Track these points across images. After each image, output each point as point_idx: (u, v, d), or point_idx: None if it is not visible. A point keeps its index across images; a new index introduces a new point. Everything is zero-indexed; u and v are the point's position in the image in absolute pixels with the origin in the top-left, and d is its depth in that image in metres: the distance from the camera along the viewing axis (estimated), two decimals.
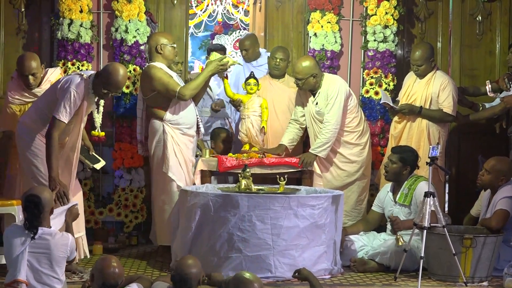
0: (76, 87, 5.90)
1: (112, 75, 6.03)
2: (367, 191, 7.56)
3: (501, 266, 6.22)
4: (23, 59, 6.51)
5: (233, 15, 13.53)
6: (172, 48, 6.92)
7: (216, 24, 14.30)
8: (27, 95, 6.53)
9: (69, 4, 7.61)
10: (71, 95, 5.88)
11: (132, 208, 7.79)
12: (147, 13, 7.83)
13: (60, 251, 4.91)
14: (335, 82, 7.31)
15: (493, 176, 6.58)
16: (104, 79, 6.04)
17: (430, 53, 7.37)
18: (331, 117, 7.16)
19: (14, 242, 4.84)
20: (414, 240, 6.32)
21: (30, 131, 6.09)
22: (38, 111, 6.11)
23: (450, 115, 7.28)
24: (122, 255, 7.15)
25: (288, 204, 6.06)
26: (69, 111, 5.90)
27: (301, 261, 6.04)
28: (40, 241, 4.87)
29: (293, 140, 7.46)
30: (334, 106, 7.17)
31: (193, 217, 6.17)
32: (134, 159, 7.78)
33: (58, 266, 4.90)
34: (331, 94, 7.20)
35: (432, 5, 8.32)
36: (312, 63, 7.25)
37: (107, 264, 4.48)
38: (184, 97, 6.72)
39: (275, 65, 7.61)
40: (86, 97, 6.05)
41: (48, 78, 6.63)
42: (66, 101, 5.88)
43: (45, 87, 6.54)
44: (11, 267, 4.85)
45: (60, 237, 4.97)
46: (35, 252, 4.85)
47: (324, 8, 8.01)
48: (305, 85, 7.22)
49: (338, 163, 7.38)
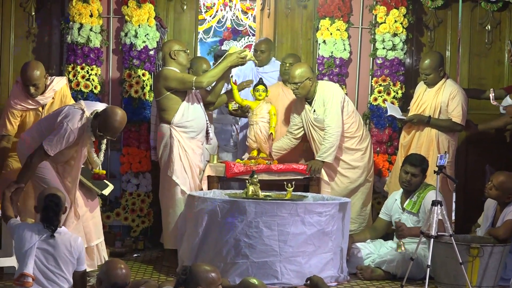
0: (73, 126, 5.80)
1: (109, 119, 5.87)
2: (370, 196, 7.55)
3: (508, 275, 6.22)
4: (26, 68, 6.41)
5: (242, 21, 13.54)
6: (186, 54, 6.94)
7: (225, 30, 14.32)
8: (30, 102, 6.46)
9: (79, 8, 7.64)
10: (66, 133, 5.78)
11: (139, 213, 7.81)
12: (156, 18, 7.86)
13: (66, 249, 4.93)
14: (329, 87, 7.36)
15: (500, 192, 6.57)
16: (101, 121, 5.89)
17: (439, 62, 7.37)
18: (331, 120, 7.17)
19: (24, 238, 4.88)
20: (421, 249, 6.32)
21: (30, 148, 6.00)
22: (39, 132, 5.97)
23: (459, 124, 7.28)
24: (128, 259, 7.17)
25: (295, 211, 6.06)
26: (59, 147, 5.80)
27: (308, 268, 6.05)
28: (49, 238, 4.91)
29: (280, 148, 7.47)
30: (331, 110, 7.19)
31: (200, 222, 6.18)
32: (142, 164, 7.81)
33: (65, 265, 4.92)
34: (327, 99, 7.23)
35: (441, 13, 8.33)
36: (306, 68, 7.31)
37: (113, 266, 4.48)
38: (202, 85, 6.73)
39: (285, 69, 7.65)
40: (83, 135, 5.94)
41: (53, 87, 6.54)
42: (59, 137, 5.79)
43: (49, 95, 6.50)
44: (20, 261, 4.89)
45: (68, 236, 4.99)
46: (42, 249, 4.88)
47: (334, 16, 8.03)
48: (301, 89, 7.22)
49: (341, 170, 7.38)
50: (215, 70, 6.87)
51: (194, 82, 6.69)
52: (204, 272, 4.24)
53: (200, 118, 6.89)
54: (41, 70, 6.43)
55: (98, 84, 7.73)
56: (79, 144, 6.01)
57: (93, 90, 7.69)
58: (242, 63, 6.97)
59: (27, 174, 5.83)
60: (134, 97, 7.79)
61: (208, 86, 6.92)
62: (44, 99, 6.50)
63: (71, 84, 7.60)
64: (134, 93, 7.78)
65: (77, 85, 7.64)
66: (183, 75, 6.78)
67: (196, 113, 6.86)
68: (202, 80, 6.73)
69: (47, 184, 5.87)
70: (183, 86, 6.75)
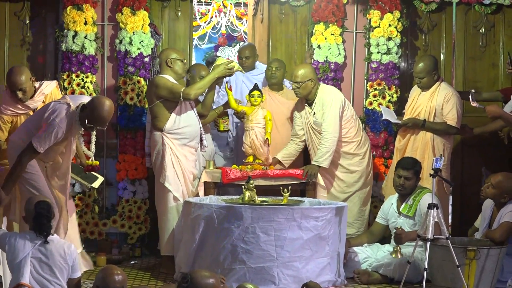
0: (60, 121, 5.77)
1: (97, 109, 5.86)
2: (369, 200, 7.55)
3: (505, 278, 6.22)
4: (10, 74, 6.36)
5: (237, 27, 13.55)
6: (182, 63, 6.96)
7: (220, 36, 14.34)
8: (19, 107, 6.40)
9: (74, 16, 7.65)
10: (54, 129, 5.76)
11: (136, 220, 7.80)
12: (151, 25, 7.87)
13: (60, 257, 4.92)
14: (329, 91, 7.38)
15: (497, 191, 6.58)
16: (89, 113, 5.88)
17: (433, 66, 7.38)
18: (328, 125, 7.19)
19: (18, 248, 4.87)
20: (417, 252, 6.31)
21: (20, 149, 5.99)
22: (27, 131, 5.95)
23: (454, 127, 7.29)
24: (126, 266, 7.16)
25: (292, 215, 6.06)
26: (48, 143, 5.78)
27: (305, 273, 6.04)
28: (41, 246, 4.90)
29: (289, 155, 7.49)
30: (329, 115, 7.21)
31: (197, 228, 6.17)
32: (138, 171, 7.81)
33: (60, 273, 4.92)
34: (326, 103, 7.25)
35: (435, 17, 8.35)
36: (310, 69, 7.37)
37: (109, 272, 4.46)
38: (189, 96, 6.72)
39: (271, 74, 7.69)
40: (72, 128, 5.93)
41: (42, 90, 6.49)
42: (47, 133, 5.76)
43: (39, 99, 6.46)
44: (14, 272, 4.87)
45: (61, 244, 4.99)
46: (37, 257, 4.88)
47: (328, 20, 8.04)
48: (302, 89, 7.25)
49: (338, 173, 7.39)
50: (202, 82, 6.87)
51: (182, 94, 6.70)
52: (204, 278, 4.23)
53: (193, 125, 6.89)
54: (26, 74, 6.35)
55: (93, 92, 7.73)
56: (68, 138, 6.00)
57: None
58: (230, 74, 6.97)
59: (17, 172, 5.81)
60: (129, 104, 7.79)
61: (195, 98, 6.89)
62: (33, 103, 6.44)
63: (66, 92, 7.60)
64: (129, 100, 7.78)
65: (72, 92, 7.63)
66: (172, 85, 6.78)
67: (189, 120, 6.86)
68: (189, 92, 6.72)
69: (38, 191, 5.84)
70: (171, 96, 6.76)
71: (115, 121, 7.82)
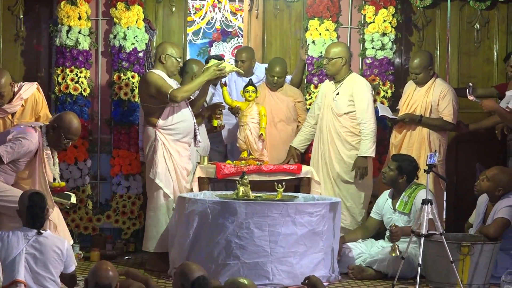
0: (30, 138, 5.77)
1: (72, 124, 5.93)
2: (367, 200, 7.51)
3: (499, 273, 6.22)
4: None
5: (232, 22, 13.52)
6: (176, 61, 6.90)
7: (214, 31, 14.30)
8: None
9: (68, 11, 7.62)
10: (21, 142, 5.73)
11: (129, 215, 7.80)
12: (145, 20, 7.85)
13: (54, 252, 4.93)
14: (361, 81, 7.38)
15: (491, 184, 6.59)
16: (65, 130, 5.91)
17: (429, 61, 7.38)
18: (365, 117, 7.22)
19: (11, 245, 4.86)
20: (411, 248, 6.32)
21: None
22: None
23: (450, 123, 7.29)
24: (119, 262, 7.15)
25: (286, 211, 6.05)
26: (11, 154, 5.71)
27: (299, 268, 6.05)
28: (35, 242, 4.90)
29: (305, 140, 7.56)
30: (362, 106, 7.24)
31: (191, 224, 6.17)
32: (132, 166, 7.80)
33: (54, 268, 4.92)
34: (357, 92, 7.25)
35: (430, 13, 8.35)
36: (343, 48, 7.38)
37: (100, 267, 4.47)
38: (176, 99, 6.63)
39: (274, 82, 7.68)
40: (40, 150, 5.90)
41: (21, 95, 6.38)
42: (12, 144, 5.71)
43: (17, 104, 6.37)
44: (8, 269, 4.85)
45: (55, 239, 5.00)
46: (31, 254, 4.88)
47: (322, 16, 8.03)
48: (331, 65, 7.28)
49: (333, 157, 7.35)
50: (190, 85, 6.78)
51: (169, 96, 6.61)
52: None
53: (187, 120, 6.85)
54: (6, 78, 6.26)
55: (88, 87, 7.72)
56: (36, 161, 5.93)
57: (82, 92, 7.68)
58: (222, 75, 6.82)
59: None
60: (123, 99, 7.77)
61: (182, 100, 6.76)
62: (11, 107, 6.36)
63: (60, 87, 7.59)
64: (123, 95, 7.77)
65: (66, 87, 7.62)
66: (161, 85, 6.67)
67: (182, 116, 6.82)
68: (176, 95, 6.61)
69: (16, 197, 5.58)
70: (159, 96, 6.68)
71: (109, 117, 7.81)
